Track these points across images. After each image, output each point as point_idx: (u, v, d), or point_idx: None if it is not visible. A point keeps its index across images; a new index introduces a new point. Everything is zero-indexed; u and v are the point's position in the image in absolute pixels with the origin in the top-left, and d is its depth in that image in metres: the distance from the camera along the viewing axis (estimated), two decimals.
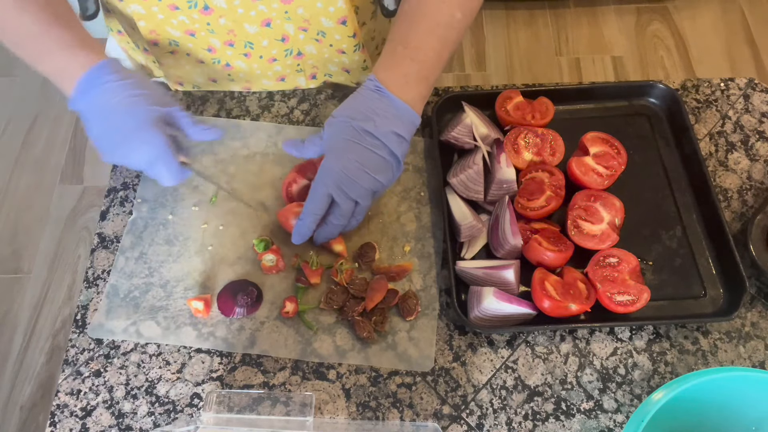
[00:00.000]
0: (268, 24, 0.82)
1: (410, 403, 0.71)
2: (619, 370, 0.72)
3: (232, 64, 0.89)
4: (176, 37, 0.85)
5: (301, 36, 0.86)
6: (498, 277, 0.74)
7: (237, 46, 0.86)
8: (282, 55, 0.88)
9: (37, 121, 2.11)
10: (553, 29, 2.27)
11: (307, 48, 0.88)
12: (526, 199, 0.79)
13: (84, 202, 1.95)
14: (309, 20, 0.83)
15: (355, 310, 0.73)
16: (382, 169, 0.72)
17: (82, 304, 0.77)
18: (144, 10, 0.80)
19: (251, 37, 0.84)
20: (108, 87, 0.69)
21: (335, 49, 0.88)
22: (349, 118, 0.72)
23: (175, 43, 0.86)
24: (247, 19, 0.81)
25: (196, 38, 0.84)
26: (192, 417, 0.70)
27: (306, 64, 0.91)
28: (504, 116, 0.86)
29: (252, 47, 0.85)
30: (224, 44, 0.85)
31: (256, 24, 0.82)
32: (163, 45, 0.86)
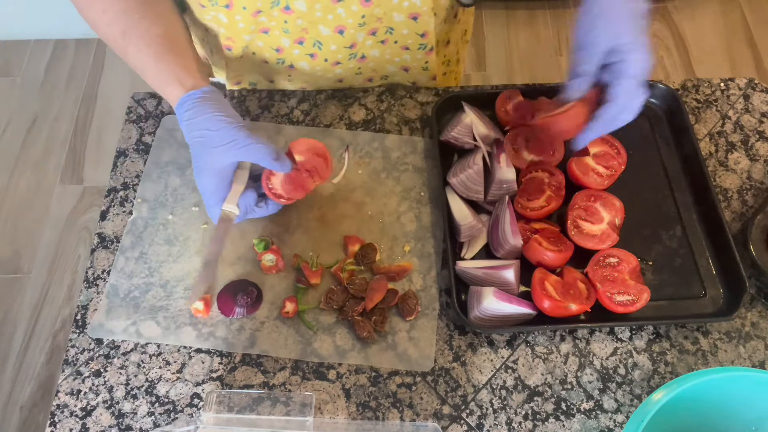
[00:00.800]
0: (341, 32, 0.84)
1: (410, 403, 0.71)
2: (619, 370, 0.72)
3: (296, 65, 0.91)
4: (248, 41, 0.86)
5: (369, 42, 0.88)
6: (498, 277, 0.74)
7: (306, 46, 0.87)
8: (346, 58, 0.90)
9: (37, 121, 2.11)
10: (553, 29, 2.27)
11: (372, 52, 0.90)
12: (526, 199, 0.79)
13: (84, 202, 1.95)
14: (382, 18, 0.84)
15: (355, 310, 0.73)
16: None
17: (82, 304, 0.77)
18: (227, 18, 0.82)
19: (322, 38, 0.86)
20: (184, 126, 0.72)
21: (400, 45, 0.90)
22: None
23: (246, 48, 0.88)
24: (323, 22, 0.83)
25: (269, 36, 0.86)
26: (192, 417, 0.70)
27: (366, 67, 0.93)
28: (504, 116, 0.86)
29: (320, 48, 0.87)
30: (294, 43, 0.87)
31: (330, 28, 0.84)
32: (236, 50, 0.88)
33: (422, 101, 0.91)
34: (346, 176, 0.85)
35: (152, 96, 0.93)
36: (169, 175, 0.85)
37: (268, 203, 0.77)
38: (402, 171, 0.85)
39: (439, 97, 0.91)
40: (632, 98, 0.69)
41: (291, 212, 0.82)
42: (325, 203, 0.83)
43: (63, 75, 2.21)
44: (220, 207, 0.74)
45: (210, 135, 0.70)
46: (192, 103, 0.71)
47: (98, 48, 2.29)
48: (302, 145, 0.77)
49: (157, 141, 0.88)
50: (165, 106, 0.92)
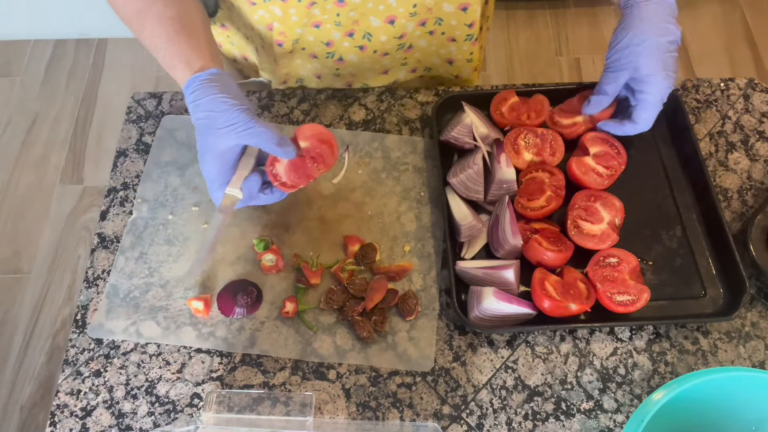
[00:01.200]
0: (392, 22, 0.85)
1: (410, 403, 0.71)
2: (619, 370, 0.72)
3: (345, 58, 0.92)
4: (299, 35, 0.87)
5: (417, 32, 0.89)
6: (498, 277, 0.74)
7: (356, 38, 0.88)
8: (394, 49, 0.91)
9: (37, 121, 2.11)
10: (553, 29, 2.27)
11: (420, 42, 0.92)
12: (526, 199, 0.79)
13: (84, 202, 1.95)
14: (432, 8, 0.86)
15: (355, 310, 0.73)
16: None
17: (82, 304, 0.77)
18: (281, 11, 0.82)
19: (373, 29, 0.87)
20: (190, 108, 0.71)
21: (447, 37, 0.92)
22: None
23: (297, 41, 0.88)
24: (374, 13, 0.84)
25: (320, 30, 0.87)
26: (192, 417, 0.70)
27: (412, 58, 0.95)
28: (499, 119, 0.86)
29: (370, 39, 0.88)
30: (344, 35, 0.87)
31: (381, 19, 0.85)
32: (286, 45, 0.89)
33: (422, 101, 0.91)
34: (346, 176, 0.85)
35: (152, 96, 0.93)
36: (169, 175, 0.85)
37: (273, 190, 0.75)
38: (402, 171, 0.85)
39: (439, 97, 0.91)
40: (650, 122, 0.80)
41: (291, 212, 0.82)
42: (325, 203, 0.83)
43: (63, 75, 2.21)
44: (222, 191, 0.72)
45: (214, 116, 0.69)
46: (198, 85, 0.70)
47: (98, 48, 2.29)
48: (307, 131, 0.74)
49: (157, 141, 0.88)
50: (165, 106, 0.92)
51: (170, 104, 0.92)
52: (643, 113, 0.78)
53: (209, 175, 0.72)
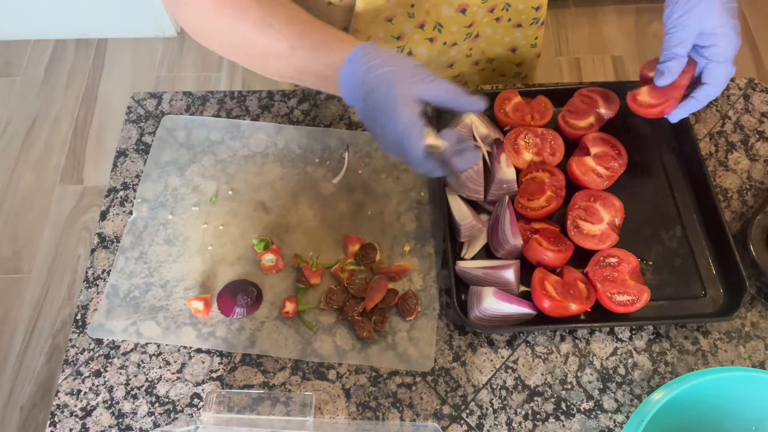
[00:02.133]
0: (464, 11, 0.86)
1: (410, 403, 0.71)
2: (619, 370, 0.72)
3: (414, 51, 0.92)
4: (372, 31, 0.87)
5: (486, 19, 0.90)
6: (498, 277, 0.74)
7: (426, 29, 0.88)
8: (462, 38, 0.92)
9: (37, 122, 2.11)
10: (553, 29, 2.27)
11: (486, 30, 0.93)
12: (526, 199, 0.79)
13: (84, 202, 1.95)
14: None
15: (355, 310, 0.73)
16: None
17: (82, 304, 0.77)
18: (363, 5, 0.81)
19: (443, 19, 0.87)
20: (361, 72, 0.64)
21: (513, 23, 0.93)
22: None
23: (368, 38, 0.88)
24: (446, 2, 0.85)
25: (392, 24, 0.87)
26: (192, 417, 0.70)
27: (477, 48, 0.96)
28: (503, 118, 0.86)
29: (440, 30, 0.89)
30: (415, 27, 0.88)
31: (453, 8, 0.86)
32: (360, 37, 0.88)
33: None
34: (346, 176, 0.85)
35: (152, 96, 0.93)
36: (169, 175, 0.85)
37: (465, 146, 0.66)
38: (402, 171, 0.85)
39: None
40: (726, 80, 0.73)
41: (291, 212, 0.82)
42: (325, 203, 0.83)
43: (63, 75, 2.21)
44: (422, 141, 0.63)
45: (396, 71, 0.63)
46: (367, 49, 0.64)
47: (98, 48, 2.29)
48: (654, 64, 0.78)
49: (157, 141, 0.88)
50: (165, 106, 0.92)
51: (170, 104, 0.92)
52: (718, 70, 0.71)
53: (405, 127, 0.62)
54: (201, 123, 0.89)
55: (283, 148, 0.87)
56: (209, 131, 0.89)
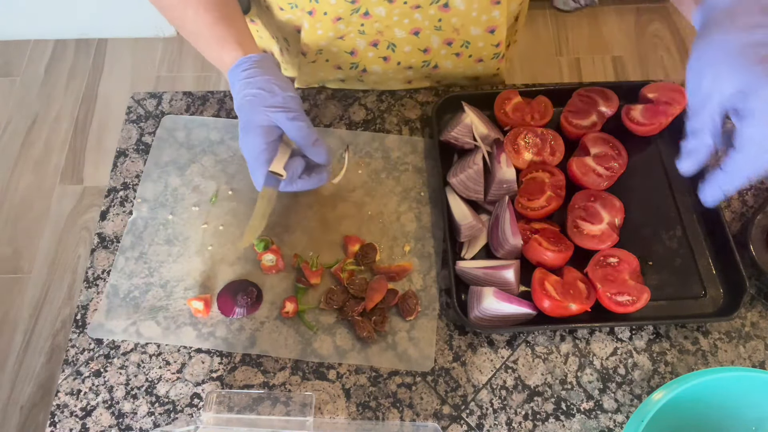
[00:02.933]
0: (417, 33, 0.85)
1: (410, 403, 0.71)
2: (619, 370, 0.72)
3: (368, 68, 0.92)
4: (323, 46, 0.87)
5: (443, 51, 0.89)
6: (498, 277, 0.74)
7: (380, 48, 0.88)
8: (419, 64, 0.91)
9: (37, 122, 2.11)
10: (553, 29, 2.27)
11: (445, 63, 0.91)
12: (526, 199, 0.79)
13: (84, 202, 1.96)
14: (459, 30, 0.85)
15: (355, 310, 0.73)
16: None
17: (82, 304, 0.77)
18: (308, 24, 0.84)
19: (397, 40, 0.87)
20: (238, 85, 0.73)
21: (474, 59, 0.91)
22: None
23: (319, 51, 0.89)
24: (399, 25, 0.84)
25: (344, 41, 0.87)
26: (192, 417, 0.70)
27: (437, 75, 0.95)
28: (503, 118, 0.86)
29: (394, 50, 0.88)
30: (368, 45, 0.88)
31: (405, 31, 0.85)
32: (309, 55, 0.89)
33: (422, 101, 0.91)
34: (346, 176, 0.85)
35: (152, 96, 0.93)
36: (169, 175, 0.85)
37: (311, 176, 0.76)
38: (402, 171, 0.85)
39: (439, 97, 0.91)
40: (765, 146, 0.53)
41: (291, 212, 0.82)
42: (325, 203, 0.83)
43: (63, 75, 2.22)
44: (265, 168, 0.72)
45: (265, 96, 0.71)
46: (252, 63, 0.73)
47: (98, 48, 2.29)
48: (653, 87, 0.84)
49: (157, 141, 0.88)
50: (165, 106, 0.92)
51: (170, 104, 0.92)
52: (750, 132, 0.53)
53: (252, 151, 0.72)
54: (201, 123, 0.89)
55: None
56: (209, 131, 0.89)
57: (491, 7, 0.83)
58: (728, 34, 0.54)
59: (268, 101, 0.71)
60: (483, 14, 0.83)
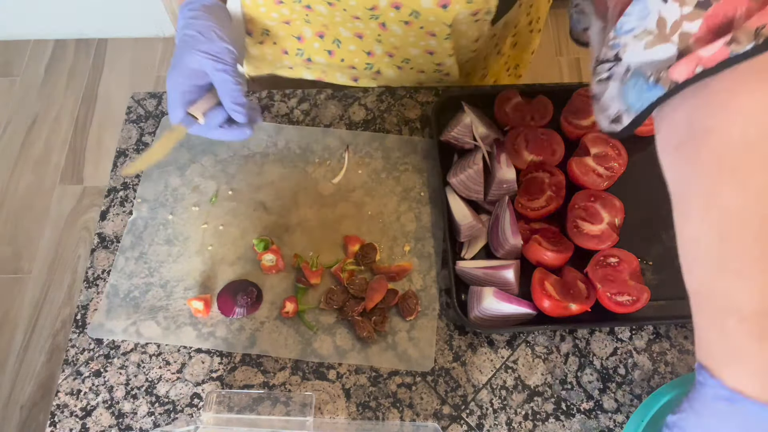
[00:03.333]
0: (360, 37, 0.85)
1: (410, 403, 0.71)
2: (619, 370, 0.72)
3: (313, 59, 0.92)
4: (270, 26, 0.87)
5: (386, 60, 0.88)
6: (498, 277, 0.74)
7: (326, 40, 0.88)
8: (362, 66, 0.90)
9: (37, 121, 2.11)
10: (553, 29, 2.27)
11: (388, 72, 0.91)
12: (526, 199, 0.79)
13: (84, 202, 1.96)
14: (398, 48, 0.85)
15: (355, 310, 0.73)
16: None
17: (82, 304, 0.77)
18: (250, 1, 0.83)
19: (342, 38, 0.86)
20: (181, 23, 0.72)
21: (416, 70, 0.91)
22: None
23: (266, 32, 0.88)
24: (342, 26, 0.84)
25: (290, 26, 0.86)
26: (192, 417, 0.70)
27: (381, 79, 0.94)
28: (503, 118, 0.86)
29: (339, 46, 0.88)
30: (315, 35, 0.87)
31: (350, 32, 0.85)
32: (256, 36, 0.89)
33: (422, 101, 0.91)
34: (346, 176, 0.85)
35: (152, 96, 0.93)
36: (169, 175, 0.85)
37: (233, 128, 0.75)
38: (402, 171, 0.85)
39: (439, 97, 0.91)
40: None
41: (291, 212, 0.82)
42: (325, 203, 0.83)
43: (63, 75, 2.22)
44: (182, 109, 0.72)
45: (200, 40, 0.70)
46: (200, 6, 0.71)
47: (98, 48, 2.29)
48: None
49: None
50: (165, 106, 0.92)
51: None
52: None
53: (175, 90, 0.72)
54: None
55: (283, 148, 0.87)
56: None
57: (427, 37, 0.83)
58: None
59: (202, 46, 0.70)
60: (420, 40, 0.84)
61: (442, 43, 0.83)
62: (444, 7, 0.76)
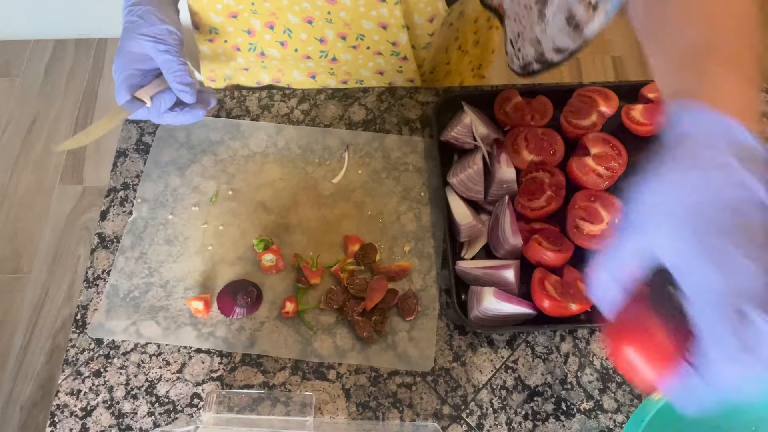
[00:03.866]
0: (310, 22, 0.84)
1: (410, 403, 0.71)
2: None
3: (266, 52, 0.91)
4: (217, 23, 0.86)
5: (339, 44, 0.87)
6: (498, 277, 0.74)
7: (276, 31, 0.87)
8: (317, 55, 0.90)
9: (37, 121, 2.11)
10: None
11: (343, 56, 0.90)
12: (526, 199, 0.80)
13: (84, 202, 1.96)
14: (350, 24, 0.84)
15: (355, 310, 0.73)
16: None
17: (82, 304, 0.77)
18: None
19: (291, 26, 0.86)
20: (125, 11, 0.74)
21: (372, 51, 0.89)
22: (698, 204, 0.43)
23: (215, 30, 0.88)
24: (290, 11, 0.83)
25: (238, 20, 0.86)
26: (192, 417, 0.70)
27: (339, 70, 0.93)
28: (503, 118, 0.86)
29: (290, 36, 0.87)
30: (264, 26, 0.86)
31: (298, 18, 0.84)
32: (203, 31, 0.88)
33: (422, 101, 0.91)
34: (346, 176, 0.85)
35: None
36: (169, 175, 0.85)
37: (184, 111, 0.76)
38: (402, 171, 0.85)
39: (439, 97, 0.91)
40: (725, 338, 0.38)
41: (291, 212, 0.82)
42: (325, 203, 0.83)
43: (63, 75, 2.22)
44: (127, 94, 0.73)
45: (142, 24, 0.72)
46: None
47: (98, 48, 2.29)
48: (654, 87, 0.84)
49: (157, 141, 0.88)
50: None
51: None
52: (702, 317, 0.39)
53: (119, 75, 0.73)
54: (201, 123, 0.89)
55: (283, 148, 0.87)
56: (209, 131, 0.89)
57: (378, 4, 0.82)
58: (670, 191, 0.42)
59: (143, 29, 0.71)
60: (371, 10, 0.83)
61: (393, 10, 0.82)
62: None
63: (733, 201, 0.39)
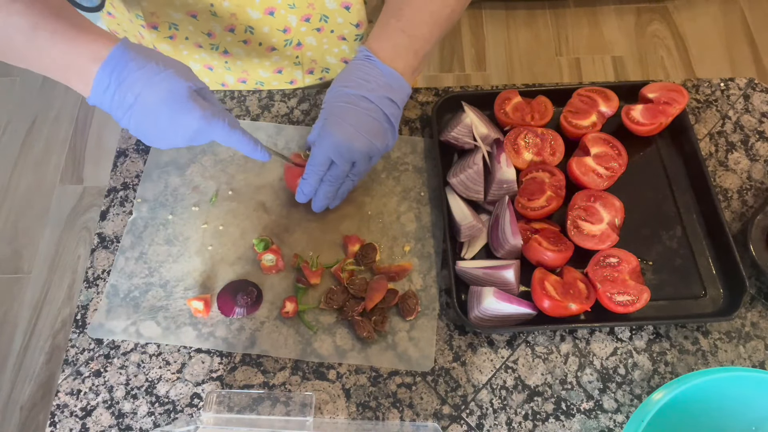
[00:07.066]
0: (272, 13, 0.83)
1: (410, 403, 0.71)
2: (619, 370, 0.72)
3: (230, 51, 0.90)
4: (177, 19, 0.85)
5: (303, 28, 0.87)
6: (498, 277, 0.74)
7: (237, 32, 0.86)
8: (282, 44, 0.89)
9: (37, 122, 2.11)
10: (553, 29, 2.27)
11: (308, 39, 0.89)
12: (526, 199, 0.80)
13: (84, 202, 1.96)
14: (314, 4, 0.84)
15: (355, 310, 0.73)
16: (378, 133, 0.73)
17: (82, 304, 0.77)
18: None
19: (253, 22, 0.85)
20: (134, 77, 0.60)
21: (336, 35, 0.89)
22: (343, 86, 0.73)
23: (175, 26, 0.86)
24: (250, 4, 0.82)
25: (198, 20, 0.85)
26: (192, 417, 0.70)
27: (305, 57, 0.92)
28: (503, 118, 0.86)
29: (252, 32, 0.86)
30: (225, 30, 0.86)
31: (259, 11, 0.83)
32: (162, 29, 0.86)
33: (422, 101, 0.91)
34: None
35: None
36: (169, 175, 0.85)
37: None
38: (402, 171, 0.85)
39: (439, 97, 0.91)
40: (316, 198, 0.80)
41: (291, 212, 0.82)
42: None
43: None
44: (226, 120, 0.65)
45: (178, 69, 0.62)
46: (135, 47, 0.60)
47: None
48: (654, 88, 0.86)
49: None
50: None
51: None
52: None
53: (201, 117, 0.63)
54: None
55: (283, 148, 0.87)
56: None
57: None
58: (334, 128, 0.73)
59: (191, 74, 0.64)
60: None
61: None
62: None
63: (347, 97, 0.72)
